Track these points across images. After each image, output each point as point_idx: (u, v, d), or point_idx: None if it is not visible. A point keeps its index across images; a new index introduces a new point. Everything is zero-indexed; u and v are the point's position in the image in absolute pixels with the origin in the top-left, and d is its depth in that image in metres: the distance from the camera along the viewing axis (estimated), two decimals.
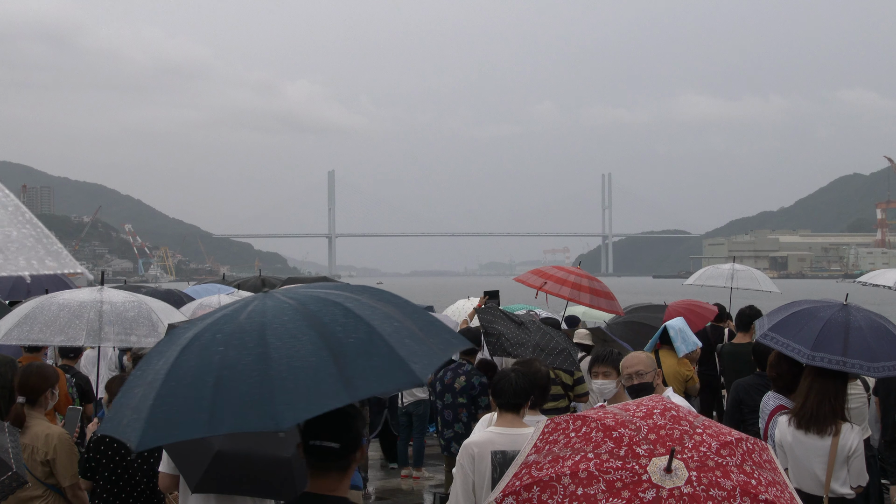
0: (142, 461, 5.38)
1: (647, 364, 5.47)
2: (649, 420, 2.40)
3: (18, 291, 10.73)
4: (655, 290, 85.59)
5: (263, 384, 2.65)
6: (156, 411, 2.68)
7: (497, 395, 4.98)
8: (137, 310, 6.63)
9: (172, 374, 2.77)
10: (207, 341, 2.84)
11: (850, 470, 5.06)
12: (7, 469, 3.71)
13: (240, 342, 2.79)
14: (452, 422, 8.10)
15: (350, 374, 2.71)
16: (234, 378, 2.68)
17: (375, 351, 2.79)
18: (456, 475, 4.75)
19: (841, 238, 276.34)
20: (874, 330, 5.26)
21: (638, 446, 2.30)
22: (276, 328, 2.82)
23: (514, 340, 7.19)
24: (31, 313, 6.37)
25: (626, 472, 2.23)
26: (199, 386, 2.69)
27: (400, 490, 10.64)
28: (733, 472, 2.29)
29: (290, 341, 2.77)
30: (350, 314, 2.91)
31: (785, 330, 5.36)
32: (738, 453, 2.36)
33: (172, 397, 2.70)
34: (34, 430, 5.41)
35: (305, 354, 2.73)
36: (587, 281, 10.08)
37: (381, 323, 2.91)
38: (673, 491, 2.19)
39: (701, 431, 2.39)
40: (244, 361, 2.72)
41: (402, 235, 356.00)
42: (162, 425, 2.66)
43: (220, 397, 2.65)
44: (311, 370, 2.69)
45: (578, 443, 2.36)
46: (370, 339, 2.82)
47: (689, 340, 8.45)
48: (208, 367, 2.74)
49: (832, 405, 5.10)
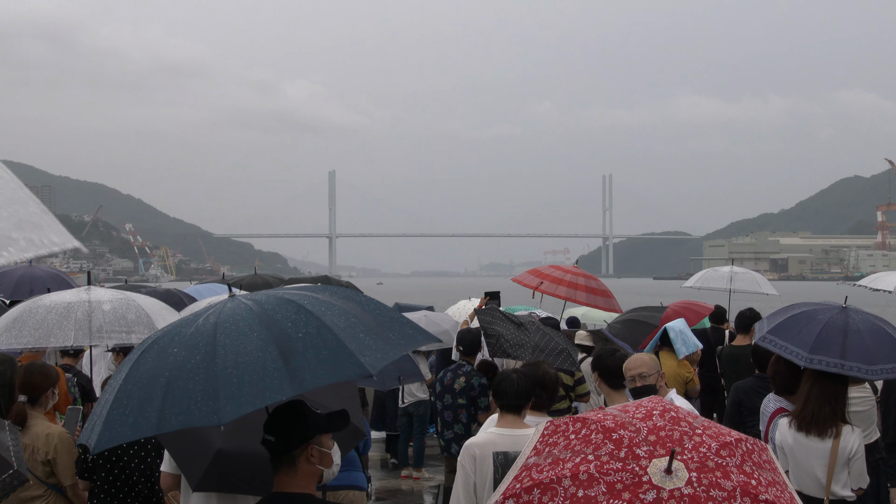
0: (139, 461, 5.38)
1: (650, 366, 5.48)
2: (649, 421, 2.39)
3: (21, 290, 10.73)
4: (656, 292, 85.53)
5: (208, 381, 2.76)
6: (112, 414, 2.83)
7: (498, 396, 4.98)
8: (126, 307, 6.63)
9: (130, 377, 2.93)
10: (165, 344, 2.99)
11: (850, 472, 5.06)
12: (8, 467, 3.71)
13: (192, 343, 2.92)
14: (452, 423, 8.11)
15: (296, 366, 2.79)
16: (182, 377, 2.81)
17: (324, 344, 2.88)
18: (457, 476, 4.76)
19: (841, 240, 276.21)
20: (872, 332, 5.26)
21: (638, 448, 2.30)
22: (227, 327, 2.94)
23: (513, 341, 7.20)
24: (20, 317, 6.35)
25: (627, 474, 2.22)
26: (152, 387, 2.82)
27: (400, 490, 10.65)
28: (733, 473, 2.28)
29: (239, 338, 2.88)
30: (302, 310, 3.00)
31: (783, 333, 5.37)
32: (737, 454, 2.36)
33: (127, 399, 2.84)
34: (35, 429, 5.41)
35: (252, 350, 2.83)
36: (583, 279, 10.07)
37: (334, 318, 3.00)
38: (673, 492, 2.18)
39: (700, 432, 2.38)
40: (192, 361, 2.84)
41: (403, 236, 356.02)
42: (116, 427, 2.80)
43: (170, 397, 2.77)
44: (258, 365, 2.79)
45: (578, 445, 2.35)
46: (319, 333, 2.91)
47: (689, 342, 8.46)
48: (161, 369, 2.87)
49: (833, 407, 5.11)
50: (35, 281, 10.92)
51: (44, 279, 11.03)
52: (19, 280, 11.01)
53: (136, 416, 2.77)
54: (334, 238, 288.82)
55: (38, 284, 10.69)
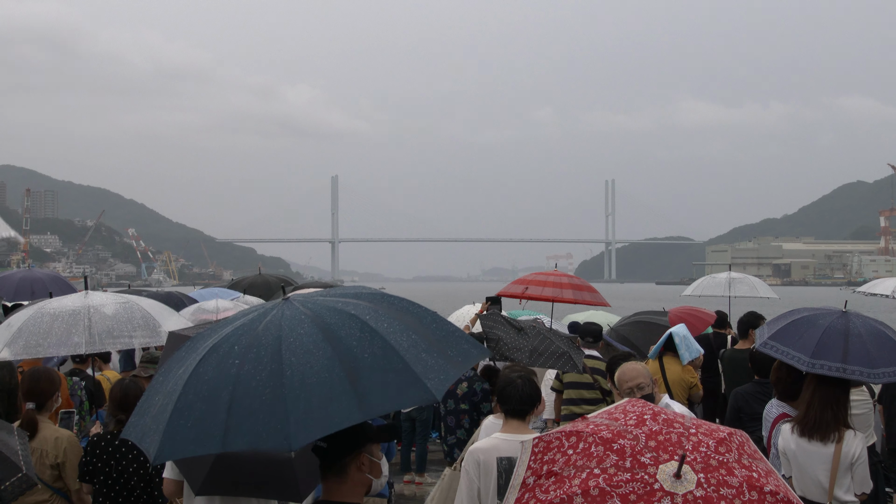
0: (138, 465, 5.38)
1: (645, 376, 5.47)
2: (644, 427, 2.37)
3: (22, 293, 10.75)
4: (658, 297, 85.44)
5: (276, 401, 2.66)
6: (172, 424, 2.71)
7: (503, 401, 4.97)
8: (129, 311, 6.63)
9: (190, 385, 2.80)
10: (225, 353, 2.86)
11: (853, 477, 5.05)
12: (17, 471, 3.71)
13: (256, 356, 2.80)
14: (455, 428, 8.10)
15: (363, 390, 2.71)
16: (249, 395, 2.69)
17: (390, 367, 2.79)
18: (461, 481, 4.74)
19: (844, 246, 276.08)
20: (874, 336, 5.25)
21: (641, 455, 2.28)
22: (292, 342, 2.83)
23: (510, 345, 7.21)
24: (24, 326, 6.31)
25: (638, 484, 2.20)
26: (215, 400, 2.71)
27: (402, 496, 10.64)
28: (736, 468, 2.28)
29: (305, 356, 2.77)
30: (366, 328, 2.90)
31: (784, 338, 5.36)
32: (733, 448, 2.36)
33: (189, 411, 2.72)
34: (43, 433, 5.42)
35: (319, 370, 2.73)
36: (567, 279, 10.15)
37: (397, 337, 2.91)
38: (686, 496, 2.18)
39: (695, 431, 2.38)
40: (258, 377, 2.73)
41: (406, 241, 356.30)
42: (178, 440, 2.69)
43: (235, 414, 2.67)
44: (325, 387, 2.70)
45: (580, 460, 2.31)
46: (385, 354, 2.82)
47: (692, 347, 8.45)
48: (224, 381, 2.75)
49: (835, 412, 5.10)
50: (36, 283, 10.95)
51: (45, 281, 11.07)
52: (20, 283, 11.04)
53: (197, 431, 2.67)
54: (337, 243, 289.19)
55: (39, 287, 10.72)
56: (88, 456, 5.39)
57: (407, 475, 11.19)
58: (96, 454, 5.37)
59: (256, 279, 14.95)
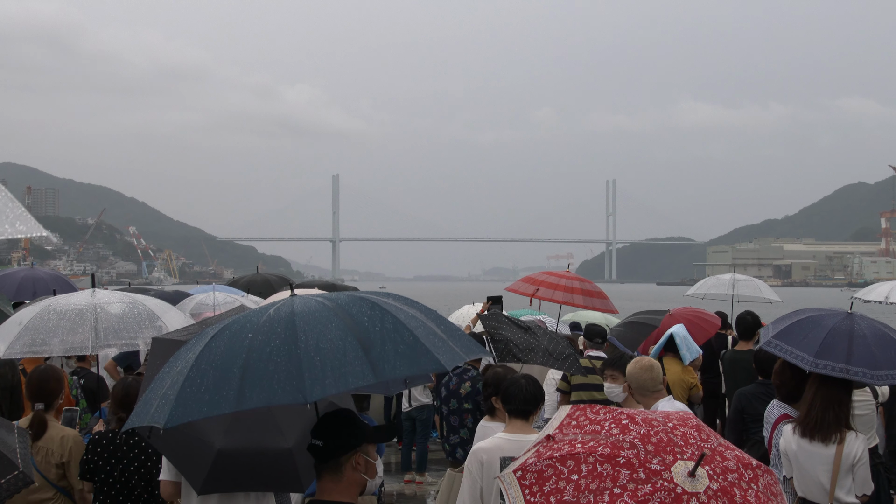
0: (139, 465, 5.38)
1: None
2: (630, 433, 2.37)
3: (24, 292, 10.75)
4: (659, 298, 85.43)
5: (291, 361, 2.77)
6: (185, 391, 2.79)
7: (507, 401, 4.97)
8: (134, 309, 6.62)
9: (202, 357, 2.89)
10: (237, 329, 2.96)
11: (855, 478, 5.05)
12: (13, 468, 3.72)
13: (269, 328, 2.91)
14: (458, 427, 8.10)
15: (376, 357, 2.83)
16: (261, 359, 2.80)
17: (401, 339, 2.91)
18: (464, 481, 4.75)
19: (845, 247, 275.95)
20: (878, 338, 5.25)
21: (649, 463, 2.28)
22: (305, 316, 2.94)
23: (523, 346, 7.17)
24: (31, 324, 6.31)
25: (663, 493, 2.21)
26: (228, 366, 2.80)
27: (403, 495, 10.65)
28: (723, 451, 2.34)
29: (318, 327, 2.89)
30: (376, 307, 3.04)
31: (789, 337, 5.37)
32: (706, 431, 2.42)
33: (202, 377, 2.81)
34: (49, 432, 5.44)
35: (333, 338, 2.85)
36: (578, 283, 10.11)
37: (406, 318, 3.04)
38: (707, 492, 2.21)
39: (673, 425, 2.41)
40: (272, 344, 2.84)
41: (406, 240, 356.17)
42: (191, 403, 2.76)
43: (249, 376, 2.76)
44: (339, 351, 2.81)
45: (592, 483, 2.26)
46: (395, 328, 2.95)
47: (692, 348, 8.45)
48: (238, 350, 2.85)
49: (836, 413, 5.10)
50: (38, 282, 10.95)
51: (46, 280, 11.07)
52: (22, 281, 11.04)
53: (212, 394, 2.75)
54: (338, 242, 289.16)
55: (41, 286, 10.72)
56: (90, 454, 5.39)
57: (407, 475, 11.19)
58: (97, 452, 5.37)
59: (255, 277, 14.98)
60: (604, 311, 10.81)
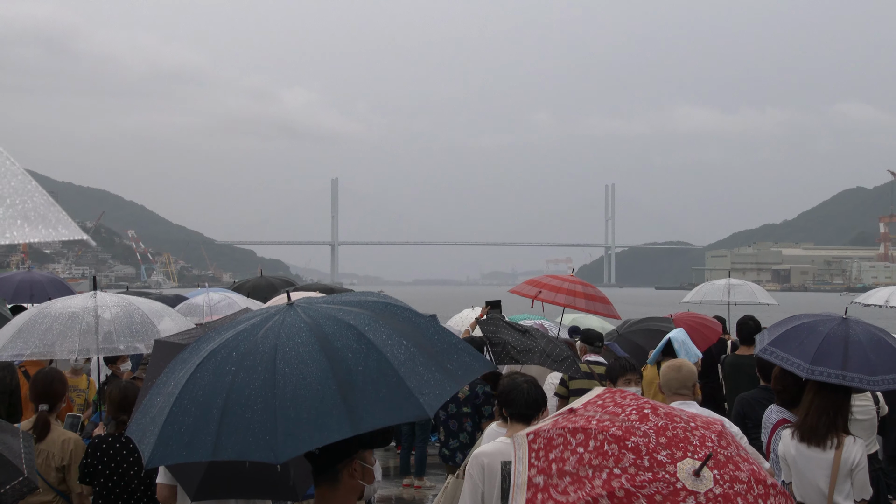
0: (138, 468, 5.39)
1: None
2: (648, 422, 2.36)
3: (21, 295, 10.74)
4: (658, 302, 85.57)
5: (267, 413, 2.69)
6: (167, 429, 2.76)
7: (508, 405, 4.96)
8: (129, 313, 6.61)
9: (186, 390, 2.84)
10: (222, 359, 2.90)
11: (853, 483, 5.05)
12: (18, 474, 3.71)
13: (251, 364, 2.84)
14: (457, 431, 8.09)
15: (354, 404, 2.73)
16: (241, 403, 2.74)
17: (384, 381, 2.80)
18: (465, 485, 4.74)
19: (844, 251, 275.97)
20: (874, 343, 5.25)
21: (657, 453, 2.27)
22: (287, 351, 2.85)
23: (520, 348, 7.19)
24: (26, 326, 6.32)
25: (661, 484, 2.20)
26: (208, 407, 2.76)
27: (402, 499, 10.64)
28: (740, 462, 2.30)
29: (299, 367, 2.80)
30: (363, 340, 2.91)
31: (784, 344, 5.36)
32: (730, 441, 2.39)
33: (183, 415, 2.77)
34: (51, 435, 5.44)
35: (311, 383, 2.75)
36: (581, 287, 10.10)
37: (394, 350, 2.91)
38: (707, 494, 2.19)
39: (696, 425, 2.39)
40: (251, 386, 2.77)
41: (405, 244, 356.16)
42: (171, 444, 2.74)
43: (226, 423, 2.71)
44: (316, 400, 2.72)
45: (595, 459, 2.28)
46: (379, 367, 2.83)
47: (690, 352, 8.45)
48: (219, 388, 2.80)
49: (834, 418, 5.10)
50: (35, 286, 10.95)
51: (43, 284, 11.07)
52: (19, 285, 11.04)
53: (191, 437, 2.71)
54: (337, 245, 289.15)
55: (38, 289, 10.72)
56: (89, 458, 5.40)
57: (406, 479, 11.18)
58: (97, 456, 5.37)
59: (259, 282, 14.93)
60: (605, 316, 10.79)
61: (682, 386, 5.68)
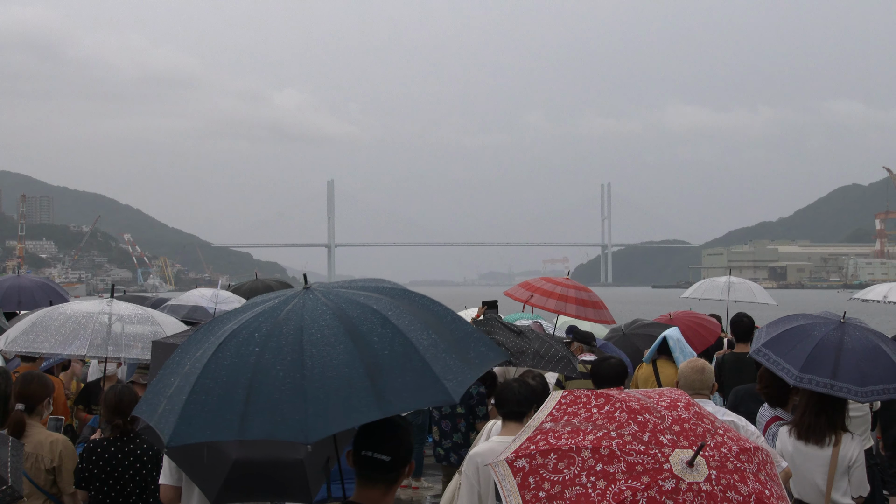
0: (134, 472, 5.36)
1: None
2: (673, 411, 2.41)
3: (9, 302, 10.62)
4: (654, 300, 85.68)
5: (296, 393, 2.67)
6: (189, 407, 2.70)
7: (501, 404, 4.97)
8: (144, 323, 6.58)
9: (208, 369, 2.79)
10: (244, 339, 2.86)
11: (851, 480, 5.05)
12: (2, 483, 3.69)
13: (276, 345, 2.81)
14: (451, 432, 8.08)
15: (382, 388, 2.72)
16: (268, 383, 2.70)
17: (410, 366, 2.80)
18: (462, 486, 4.74)
19: (840, 248, 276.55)
20: (868, 351, 5.19)
21: (662, 435, 2.32)
22: (313, 333, 2.83)
23: (513, 349, 7.19)
24: (38, 322, 6.37)
25: (649, 458, 2.24)
26: (233, 386, 2.71)
27: (399, 500, 10.62)
28: (750, 479, 2.30)
29: (326, 349, 2.79)
30: (388, 324, 2.91)
31: (777, 347, 5.34)
32: (755, 461, 2.38)
33: (206, 394, 2.72)
34: (38, 437, 5.40)
35: (339, 365, 2.75)
36: (574, 291, 10.03)
37: (417, 335, 2.91)
38: (692, 485, 2.21)
39: (722, 433, 2.41)
40: (278, 367, 2.74)
41: (401, 245, 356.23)
42: (195, 423, 2.68)
43: (253, 402, 2.67)
44: (345, 382, 2.71)
45: (601, 419, 2.37)
46: (405, 352, 2.83)
47: (686, 350, 8.44)
48: (243, 368, 2.75)
49: (830, 417, 5.10)
50: (23, 291, 10.80)
51: (32, 289, 10.90)
52: (7, 291, 10.89)
53: (214, 415, 2.66)
54: (333, 248, 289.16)
55: (26, 295, 10.60)
56: (84, 462, 5.36)
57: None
58: (92, 461, 5.34)
59: (256, 284, 14.90)
60: (596, 322, 10.74)
61: (704, 386, 5.68)
